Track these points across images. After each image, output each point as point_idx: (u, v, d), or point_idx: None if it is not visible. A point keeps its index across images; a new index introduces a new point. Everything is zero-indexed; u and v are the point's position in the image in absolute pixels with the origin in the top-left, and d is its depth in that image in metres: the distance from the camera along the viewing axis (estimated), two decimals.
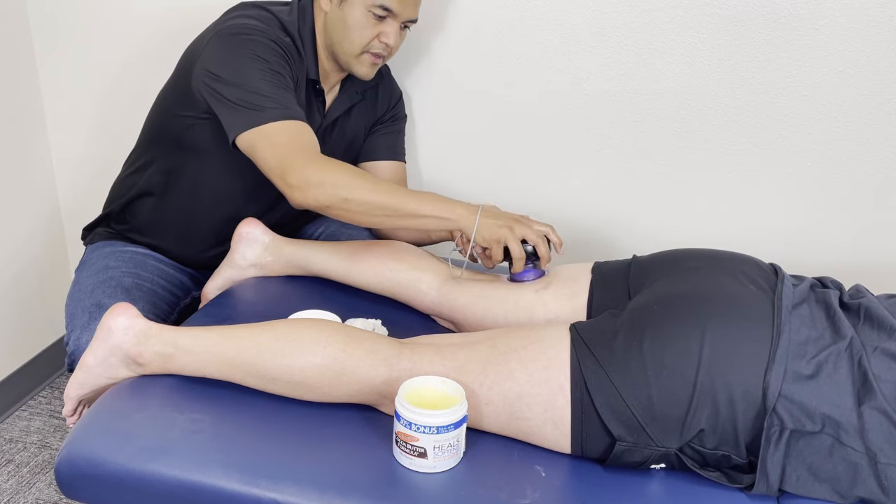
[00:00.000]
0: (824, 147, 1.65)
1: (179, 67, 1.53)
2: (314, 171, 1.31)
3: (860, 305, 1.17)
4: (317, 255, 1.55)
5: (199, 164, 1.55)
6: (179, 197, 1.59)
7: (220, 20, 1.49)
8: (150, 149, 1.60)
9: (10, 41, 1.91)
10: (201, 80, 1.42)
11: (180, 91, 1.51)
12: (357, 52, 1.50)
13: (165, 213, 1.62)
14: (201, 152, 1.53)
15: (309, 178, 1.31)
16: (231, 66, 1.40)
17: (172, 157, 1.56)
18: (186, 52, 1.52)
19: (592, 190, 1.80)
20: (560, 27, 1.68)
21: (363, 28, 1.47)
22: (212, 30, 1.47)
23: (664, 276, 1.24)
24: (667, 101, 1.68)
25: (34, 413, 2.05)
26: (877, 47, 1.55)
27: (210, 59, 1.42)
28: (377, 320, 1.41)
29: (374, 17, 1.46)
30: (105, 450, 1.09)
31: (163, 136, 1.57)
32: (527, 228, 1.34)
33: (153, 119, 1.60)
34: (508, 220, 1.34)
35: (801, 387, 1.06)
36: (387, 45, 1.49)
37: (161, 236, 1.64)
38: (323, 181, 1.31)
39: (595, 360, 1.11)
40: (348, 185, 1.31)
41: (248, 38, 1.41)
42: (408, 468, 1.09)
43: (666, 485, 1.10)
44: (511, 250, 1.33)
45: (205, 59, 1.42)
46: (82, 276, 1.58)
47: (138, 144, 1.64)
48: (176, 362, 1.20)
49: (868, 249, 1.70)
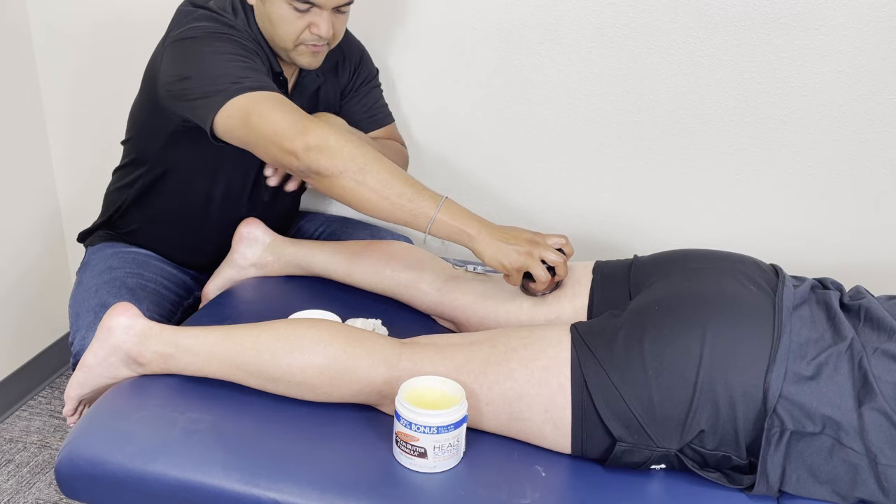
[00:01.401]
0: (824, 147, 1.65)
1: (143, 87, 1.50)
2: (333, 136, 1.23)
3: (860, 306, 1.17)
4: (317, 254, 1.55)
5: (188, 174, 1.54)
6: (172, 206, 1.59)
7: (171, 29, 1.43)
8: (136, 163, 1.58)
9: (11, 42, 1.91)
10: (166, 92, 1.37)
11: (149, 109, 1.47)
12: (290, 46, 1.42)
13: (160, 221, 1.62)
14: (186, 162, 1.52)
15: (328, 140, 1.22)
16: (193, 62, 1.34)
17: (158, 169, 1.55)
18: (146, 72, 1.49)
19: (593, 190, 1.80)
20: (560, 27, 1.68)
21: (289, 23, 1.38)
22: (163, 44, 1.42)
23: (665, 276, 1.24)
24: (667, 101, 1.68)
25: (34, 413, 2.05)
26: (877, 47, 1.55)
27: (170, 66, 1.37)
28: (377, 320, 1.41)
29: (296, 10, 1.37)
30: (105, 450, 1.09)
31: (145, 151, 1.55)
32: (545, 250, 1.27)
33: (132, 136, 1.58)
34: (526, 244, 1.26)
35: (802, 388, 1.06)
36: (320, 36, 1.40)
37: (159, 242, 1.64)
38: (342, 146, 1.22)
39: (595, 360, 1.11)
40: (367, 157, 1.23)
41: (205, 37, 1.36)
42: (408, 468, 1.09)
43: (666, 485, 1.10)
44: (536, 277, 1.26)
45: (165, 68, 1.37)
46: (85, 277, 1.58)
47: (125, 158, 1.62)
48: (176, 362, 1.20)
49: (868, 250, 1.70)
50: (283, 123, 1.25)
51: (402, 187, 1.24)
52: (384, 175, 1.23)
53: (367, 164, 1.23)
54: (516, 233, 1.29)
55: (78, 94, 1.99)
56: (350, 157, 1.23)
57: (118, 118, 1.99)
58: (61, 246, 2.17)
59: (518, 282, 1.29)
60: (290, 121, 1.25)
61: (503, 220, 1.68)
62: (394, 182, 1.23)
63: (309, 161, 1.23)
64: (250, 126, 1.27)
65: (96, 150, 2.05)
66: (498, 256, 1.25)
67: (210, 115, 1.29)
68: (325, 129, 1.25)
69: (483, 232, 1.25)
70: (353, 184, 1.23)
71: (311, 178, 1.27)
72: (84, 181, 2.09)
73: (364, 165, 1.23)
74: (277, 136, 1.25)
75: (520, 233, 1.29)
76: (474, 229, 1.25)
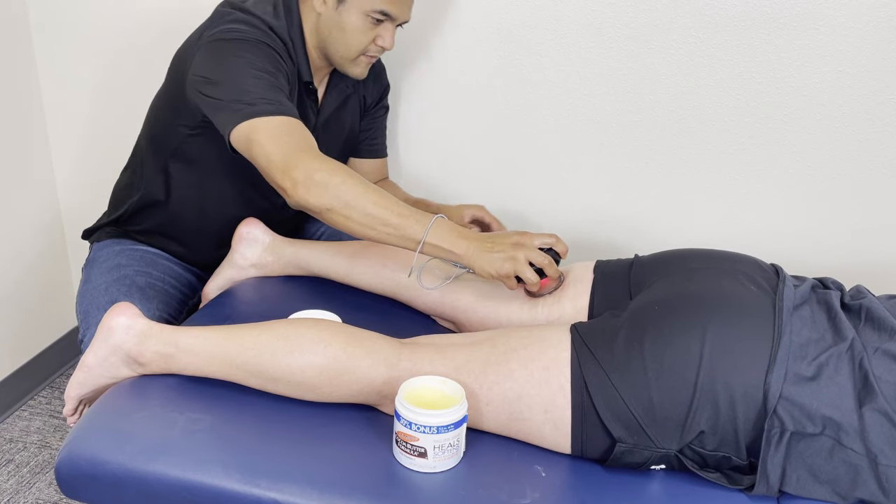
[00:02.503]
0: (824, 147, 1.65)
1: (170, 80, 1.52)
2: (319, 170, 1.27)
3: (861, 306, 1.17)
4: (317, 254, 1.55)
5: (202, 172, 1.55)
6: (183, 204, 1.59)
7: (206, 28, 1.45)
8: (149, 158, 1.58)
9: (10, 41, 1.91)
10: (194, 88, 1.39)
11: (174, 103, 1.49)
12: (354, 56, 1.49)
13: (170, 219, 1.61)
14: (202, 161, 1.53)
15: (314, 176, 1.26)
16: (222, 68, 1.37)
17: (173, 166, 1.55)
18: (175, 63, 1.50)
19: (593, 190, 1.80)
20: (560, 27, 1.68)
21: (361, 33, 1.45)
22: (199, 39, 1.44)
23: (665, 276, 1.24)
24: (667, 101, 1.68)
25: (34, 413, 2.05)
26: (877, 47, 1.55)
27: (201, 66, 1.39)
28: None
29: (373, 21, 1.44)
30: (105, 450, 1.09)
31: (161, 146, 1.55)
32: (531, 251, 1.26)
33: (149, 130, 1.58)
34: (509, 248, 1.26)
35: (802, 388, 1.06)
36: (383, 48, 1.49)
37: (167, 240, 1.64)
38: (328, 182, 1.26)
39: (595, 360, 1.11)
40: (353, 192, 1.26)
41: (238, 42, 1.39)
42: (408, 468, 1.09)
43: (666, 486, 1.10)
44: (525, 279, 1.26)
45: (196, 66, 1.40)
46: (93, 274, 1.57)
47: (137, 153, 1.62)
48: (177, 362, 1.20)
49: (868, 250, 1.70)
50: (276, 157, 1.28)
51: (388, 218, 1.26)
52: (370, 209, 1.26)
53: (351, 200, 1.26)
54: (501, 238, 1.29)
55: (78, 93, 1.99)
56: (335, 196, 1.26)
57: (118, 117, 1.99)
58: (62, 245, 2.17)
59: (514, 286, 1.28)
60: (282, 154, 1.28)
61: (503, 221, 1.69)
62: (379, 215, 1.26)
63: (297, 197, 1.27)
64: (250, 154, 1.32)
65: (96, 150, 2.05)
66: (486, 268, 1.26)
67: (226, 129, 1.33)
68: (312, 163, 1.27)
69: (471, 248, 1.27)
70: (341, 219, 1.27)
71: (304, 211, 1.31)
72: (84, 180, 2.09)
73: (349, 202, 1.26)
74: (269, 169, 1.29)
75: (505, 237, 1.29)
76: (462, 248, 1.27)
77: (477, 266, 1.26)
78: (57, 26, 1.94)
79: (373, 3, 1.42)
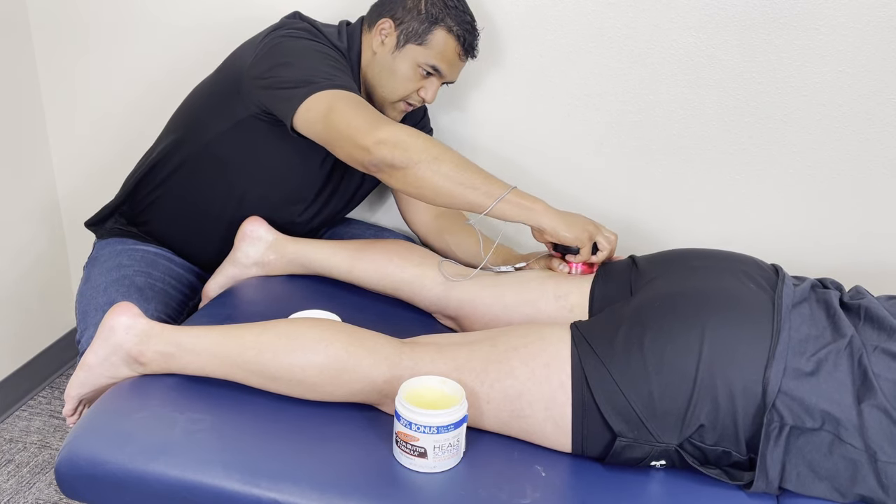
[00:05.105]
0: (824, 147, 1.65)
1: (219, 77, 1.54)
2: (403, 131, 1.30)
3: (860, 306, 1.17)
4: (319, 252, 1.55)
5: (228, 170, 1.55)
6: (205, 201, 1.59)
7: (271, 30, 1.48)
8: (175, 150, 1.58)
9: (10, 41, 1.91)
10: (256, 76, 1.42)
11: (219, 99, 1.50)
12: (395, 100, 1.53)
13: (183, 215, 1.61)
14: (231, 159, 1.53)
15: (398, 135, 1.29)
16: (296, 53, 1.41)
17: (199, 161, 1.56)
18: (229, 61, 1.53)
19: (592, 190, 1.80)
20: (560, 27, 1.68)
21: (409, 81, 1.51)
22: (263, 38, 1.46)
23: (665, 274, 1.25)
24: (667, 101, 1.68)
25: (34, 413, 2.05)
26: (877, 47, 1.55)
27: (270, 55, 1.42)
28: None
29: (422, 73, 1.50)
30: (105, 450, 1.09)
31: (190, 140, 1.56)
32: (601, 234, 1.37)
33: (182, 123, 1.58)
34: (589, 223, 1.35)
35: (801, 383, 1.07)
36: (424, 100, 1.53)
37: (173, 236, 1.64)
38: (413, 141, 1.29)
39: (596, 356, 1.11)
40: (440, 148, 1.31)
41: (308, 40, 1.44)
42: (408, 468, 1.09)
43: (666, 484, 1.11)
44: (600, 245, 1.36)
45: (256, 62, 1.43)
46: (94, 273, 1.57)
47: (163, 143, 1.60)
48: (177, 362, 1.20)
49: (868, 250, 1.70)
50: (358, 121, 1.31)
51: (474, 173, 1.31)
52: (458, 161, 1.31)
53: (440, 154, 1.30)
54: (579, 216, 1.37)
55: (78, 93, 1.99)
56: (423, 149, 1.29)
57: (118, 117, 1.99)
58: (61, 245, 2.17)
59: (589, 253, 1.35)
60: (365, 119, 1.32)
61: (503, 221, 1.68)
62: (468, 167, 1.31)
63: (382, 154, 1.28)
64: (328, 122, 1.33)
65: (96, 150, 2.05)
66: (559, 226, 1.31)
67: (294, 105, 1.35)
68: (395, 126, 1.32)
69: (549, 210, 1.33)
70: (429, 172, 1.29)
71: (384, 173, 1.31)
72: (84, 180, 2.09)
73: (438, 155, 1.29)
74: (351, 133, 1.31)
75: (582, 216, 1.37)
76: (541, 206, 1.32)
77: (552, 224, 1.31)
78: (57, 27, 1.93)
79: (427, 57, 1.49)
